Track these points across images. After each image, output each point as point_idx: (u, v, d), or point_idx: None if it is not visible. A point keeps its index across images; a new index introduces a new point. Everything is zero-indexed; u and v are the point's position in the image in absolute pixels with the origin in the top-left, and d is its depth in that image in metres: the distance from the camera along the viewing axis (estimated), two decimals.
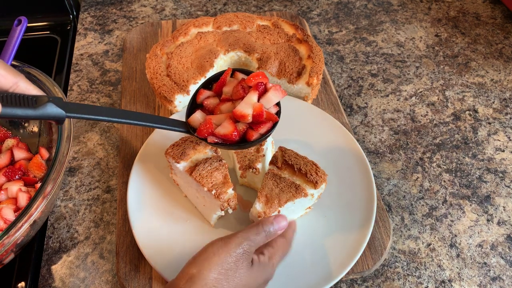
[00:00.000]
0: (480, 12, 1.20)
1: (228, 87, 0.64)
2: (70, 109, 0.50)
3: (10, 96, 0.47)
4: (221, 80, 0.65)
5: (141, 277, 0.68)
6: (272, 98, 0.61)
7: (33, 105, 0.48)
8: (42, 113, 0.49)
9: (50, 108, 0.49)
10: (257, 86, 0.61)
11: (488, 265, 0.72)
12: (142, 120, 0.59)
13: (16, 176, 0.74)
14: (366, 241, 0.68)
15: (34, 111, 0.48)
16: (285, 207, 0.66)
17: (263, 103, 0.61)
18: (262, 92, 0.61)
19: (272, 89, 0.61)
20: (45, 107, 0.48)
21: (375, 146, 0.88)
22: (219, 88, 0.65)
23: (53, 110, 0.49)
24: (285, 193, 0.66)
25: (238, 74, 0.66)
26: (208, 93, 0.66)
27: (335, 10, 1.21)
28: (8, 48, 0.71)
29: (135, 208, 0.72)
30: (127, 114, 0.58)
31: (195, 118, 0.63)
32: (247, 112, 0.59)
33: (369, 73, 1.03)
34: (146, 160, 0.78)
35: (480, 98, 0.98)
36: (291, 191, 0.66)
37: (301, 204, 0.69)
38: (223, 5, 1.21)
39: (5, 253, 0.62)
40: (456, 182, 0.83)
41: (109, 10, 1.19)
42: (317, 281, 0.65)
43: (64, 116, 0.50)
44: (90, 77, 1.01)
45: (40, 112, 0.48)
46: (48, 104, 0.49)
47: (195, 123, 0.63)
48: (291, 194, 0.66)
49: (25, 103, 0.47)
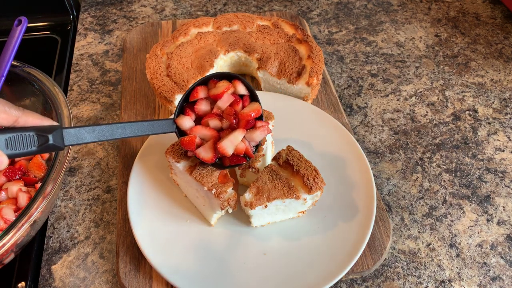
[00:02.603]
0: (480, 12, 1.20)
1: (222, 102, 0.66)
2: (68, 140, 0.57)
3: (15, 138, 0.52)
4: (220, 93, 0.66)
5: (141, 277, 0.68)
6: (256, 138, 0.66)
7: (35, 145, 0.54)
8: (43, 150, 0.55)
9: (52, 145, 0.55)
10: (247, 124, 0.65)
11: (488, 265, 0.72)
12: (128, 132, 0.62)
13: (16, 176, 0.74)
14: (366, 241, 0.68)
15: (36, 149, 0.54)
16: (273, 203, 0.67)
17: (247, 138, 0.65)
18: (249, 127, 0.66)
19: (260, 130, 0.66)
20: (47, 146, 0.54)
21: (375, 146, 0.88)
22: (214, 98, 0.67)
23: (54, 146, 0.55)
24: (276, 190, 0.66)
25: (237, 85, 0.67)
26: (202, 94, 0.67)
27: (335, 10, 1.21)
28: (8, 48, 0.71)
29: (135, 208, 0.72)
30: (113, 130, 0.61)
31: (184, 122, 0.66)
32: (229, 152, 0.64)
33: (369, 73, 1.03)
34: (146, 160, 0.78)
35: (480, 98, 0.98)
36: (283, 189, 0.67)
37: (293, 206, 0.69)
38: (223, 5, 1.21)
39: (5, 253, 0.62)
40: (456, 182, 0.83)
41: (109, 10, 1.19)
42: (317, 281, 0.65)
43: (63, 148, 0.56)
44: (90, 77, 1.01)
45: (42, 150, 0.54)
46: (49, 144, 0.54)
47: (182, 126, 0.66)
48: (282, 193, 0.66)
49: (27, 145, 0.53)
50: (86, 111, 0.94)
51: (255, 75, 0.93)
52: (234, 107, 0.66)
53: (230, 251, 0.69)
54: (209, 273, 0.66)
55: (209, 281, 0.65)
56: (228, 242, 0.70)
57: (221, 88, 0.66)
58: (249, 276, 0.66)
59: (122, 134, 0.61)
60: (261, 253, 0.69)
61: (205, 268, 0.67)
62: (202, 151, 0.65)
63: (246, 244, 0.70)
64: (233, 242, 0.70)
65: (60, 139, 0.55)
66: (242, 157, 0.66)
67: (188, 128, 0.66)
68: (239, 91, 0.67)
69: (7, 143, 0.51)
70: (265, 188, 0.67)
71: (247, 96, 0.68)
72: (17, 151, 0.52)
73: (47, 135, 0.54)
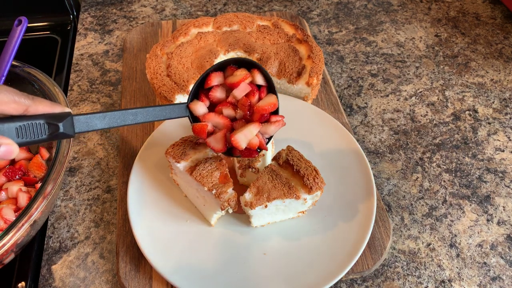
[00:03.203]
0: (480, 12, 1.20)
1: (238, 92, 0.64)
2: (78, 127, 0.56)
3: (25, 127, 0.52)
4: (237, 83, 0.64)
5: (141, 277, 0.68)
6: (270, 132, 0.65)
7: (45, 134, 0.54)
8: (53, 138, 0.55)
9: (62, 133, 0.55)
10: (261, 118, 0.64)
11: (488, 265, 0.72)
12: (139, 118, 0.61)
13: (16, 176, 0.74)
14: (366, 241, 0.68)
15: (46, 137, 0.54)
16: (273, 203, 0.67)
17: (261, 131, 0.64)
18: (264, 121, 0.65)
19: (275, 125, 0.64)
20: (57, 134, 0.54)
21: (375, 146, 0.88)
22: (230, 86, 0.65)
23: (64, 134, 0.55)
24: (276, 190, 0.66)
25: (256, 75, 0.65)
26: (217, 80, 0.66)
27: (335, 10, 1.21)
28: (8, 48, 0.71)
29: (135, 208, 0.72)
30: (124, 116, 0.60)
31: (197, 108, 0.65)
32: (242, 146, 0.63)
33: (369, 73, 1.03)
34: (146, 160, 0.78)
35: (480, 98, 0.98)
36: (283, 189, 0.67)
37: (293, 206, 0.69)
38: (223, 5, 1.21)
39: (5, 253, 0.62)
40: (456, 182, 0.83)
41: (109, 10, 1.19)
42: (317, 281, 0.65)
43: (74, 135, 0.56)
44: (90, 77, 1.01)
45: (52, 138, 0.54)
46: (59, 132, 0.54)
47: (195, 111, 0.65)
48: (282, 193, 0.66)
49: (37, 134, 0.53)
50: (86, 111, 0.94)
51: None
52: (250, 98, 0.64)
53: (230, 251, 0.69)
54: (209, 273, 0.66)
55: (209, 281, 0.65)
56: (228, 242, 0.70)
57: (239, 77, 0.64)
58: (249, 276, 0.66)
59: (134, 120, 0.60)
60: (261, 253, 0.69)
61: (205, 268, 0.67)
62: (213, 140, 0.64)
63: (246, 244, 0.70)
64: (233, 242, 0.70)
65: (70, 127, 0.55)
66: (254, 151, 0.64)
67: (202, 114, 0.65)
68: (257, 81, 0.65)
69: (17, 132, 0.51)
70: (265, 188, 0.67)
71: (265, 87, 0.66)
72: (27, 139, 0.52)
73: (57, 123, 0.54)
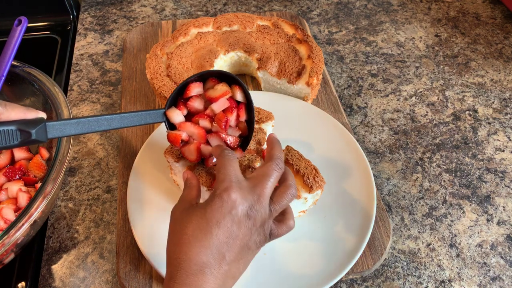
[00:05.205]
0: (480, 12, 1.20)
1: (216, 106, 0.64)
2: (51, 133, 0.56)
3: None
4: (217, 97, 0.64)
5: (141, 277, 0.68)
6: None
7: (17, 140, 0.54)
8: (26, 144, 0.55)
9: (34, 140, 0.55)
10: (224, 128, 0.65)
11: (488, 265, 0.72)
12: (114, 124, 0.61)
13: (16, 176, 0.74)
14: (366, 241, 0.68)
15: (18, 143, 0.54)
16: None
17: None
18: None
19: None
20: (29, 141, 0.55)
21: (375, 146, 0.88)
22: (209, 99, 0.65)
23: (36, 141, 0.55)
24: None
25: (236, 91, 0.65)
26: (196, 91, 0.65)
27: (335, 10, 1.21)
28: (8, 48, 0.71)
29: (135, 208, 0.72)
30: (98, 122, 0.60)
31: (174, 116, 0.65)
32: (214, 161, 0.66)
33: (369, 73, 1.03)
34: (146, 160, 0.78)
35: (480, 98, 0.98)
36: None
37: (293, 205, 0.69)
38: (223, 5, 1.21)
39: (5, 253, 0.62)
40: (456, 182, 0.83)
41: (109, 10, 1.19)
42: (317, 281, 0.65)
43: (46, 141, 0.56)
44: (90, 77, 1.01)
45: (24, 144, 0.55)
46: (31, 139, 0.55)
47: (171, 119, 0.65)
48: None
49: (9, 140, 0.53)
50: (86, 111, 0.94)
51: (255, 75, 0.93)
52: (227, 114, 0.64)
53: None
54: None
55: None
56: None
57: (219, 92, 0.64)
58: (249, 276, 0.66)
59: (109, 126, 0.60)
60: (261, 253, 0.69)
61: None
62: (187, 150, 0.65)
63: None
64: None
65: (43, 133, 0.55)
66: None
67: (178, 122, 0.65)
68: (237, 97, 0.65)
69: None
70: None
71: (243, 104, 0.66)
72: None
73: (29, 130, 0.54)
